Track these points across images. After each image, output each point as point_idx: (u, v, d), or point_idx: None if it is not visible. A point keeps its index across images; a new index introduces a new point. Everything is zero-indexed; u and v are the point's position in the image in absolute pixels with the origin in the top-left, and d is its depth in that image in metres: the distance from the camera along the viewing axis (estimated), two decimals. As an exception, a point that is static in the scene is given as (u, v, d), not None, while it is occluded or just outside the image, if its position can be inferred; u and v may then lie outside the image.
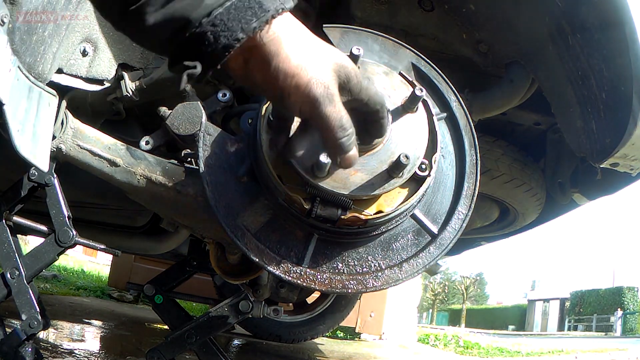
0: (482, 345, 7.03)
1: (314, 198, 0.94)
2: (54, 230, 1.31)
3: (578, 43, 1.24)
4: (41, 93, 1.02)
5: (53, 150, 1.12)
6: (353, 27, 1.13)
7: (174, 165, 1.16)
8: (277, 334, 3.85)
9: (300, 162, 0.84)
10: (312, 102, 0.64)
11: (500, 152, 1.90)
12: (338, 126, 0.67)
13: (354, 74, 0.69)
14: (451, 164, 1.08)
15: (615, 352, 7.94)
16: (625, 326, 26.71)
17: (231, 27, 0.57)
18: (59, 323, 3.17)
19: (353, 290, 0.99)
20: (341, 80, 0.68)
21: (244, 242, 0.98)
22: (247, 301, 1.58)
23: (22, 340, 1.25)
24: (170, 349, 1.53)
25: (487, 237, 2.71)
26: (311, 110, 0.65)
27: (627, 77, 1.15)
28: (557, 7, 1.24)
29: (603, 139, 1.25)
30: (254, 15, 0.58)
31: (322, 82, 0.64)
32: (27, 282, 1.30)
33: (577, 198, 1.85)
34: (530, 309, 39.54)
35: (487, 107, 1.57)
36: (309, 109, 0.65)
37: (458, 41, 1.53)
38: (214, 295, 2.53)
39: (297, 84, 0.63)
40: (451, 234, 1.03)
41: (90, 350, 2.52)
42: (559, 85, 1.35)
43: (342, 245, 1.01)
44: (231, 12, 0.57)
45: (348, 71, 0.68)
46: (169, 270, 1.79)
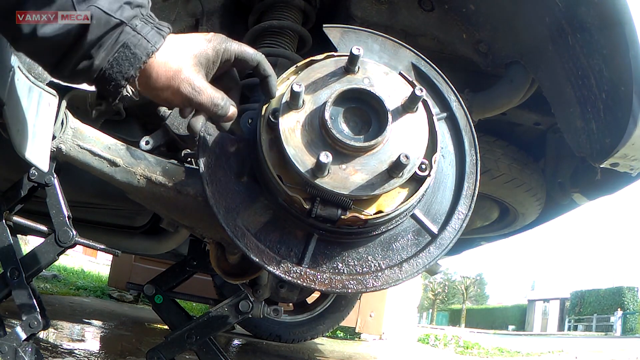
0: (482, 345, 7.03)
1: (314, 198, 0.94)
2: (54, 230, 1.31)
3: (578, 43, 1.24)
4: (41, 93, 1.02)
5: (53, 150, 1.12)
6: (353, 27, 1.13)
7: (174, 165, 1.16)
8: (277, 334, 3.85)
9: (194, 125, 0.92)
10: (187, 100, 0.85)
11: (500, 152, 1.89)
12: (211, 105, 0.87)
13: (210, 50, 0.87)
14: (451, 164, 1.08)
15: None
16: (625, 326, 26.69)
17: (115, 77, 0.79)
18: (59, 323, 3.17)
19: (353, 290, 0.99)
20: (205, 65, 0.87)
21: (244, 242, 0.99)
22: (247, 301, 1.58)
23: (22, 340, 1.25)
24: (170, 349, 1.54)
25: (487, 237, 2.71)
26: (190, 104, 0.86)
27: (627, 77, 1.15)
28: (557, 7, 1.24)
29: (603, 139, 1.25)
30: (131, 65, 0.79)
31: (187, 81, 0.83)
32: (27, 282, 1.30)
33: (577, 198, 1.85)
34: (530, 309, 39.53)
35: (487, 107, 1.57)
36: (187, 103, 0.86)
37: (458, 41, 1.52)
38: (214, 295, 2.53)
39: (171, 92, 0.83)
40: (451, 234, 1.03)
41: (90, 350, 2.52)
42: (559, 85, 1.35)
43: (342, 245, 1.01)
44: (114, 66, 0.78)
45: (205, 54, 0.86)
46: (169, 270, 1.79)
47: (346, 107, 0.97)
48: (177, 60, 0.83)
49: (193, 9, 1.53)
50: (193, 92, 0.84)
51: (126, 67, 0.78)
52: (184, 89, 0.84)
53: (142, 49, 0.79)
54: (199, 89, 0.85)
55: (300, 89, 0.94)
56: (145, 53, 0.79)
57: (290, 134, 0.94)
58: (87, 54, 0.76)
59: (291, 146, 0.93)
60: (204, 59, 0.87)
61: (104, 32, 0.76)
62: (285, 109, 0.96)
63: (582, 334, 23.66)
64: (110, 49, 0.77)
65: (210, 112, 0.88)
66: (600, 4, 1.17)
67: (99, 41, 0.76)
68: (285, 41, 1.46)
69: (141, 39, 0.79)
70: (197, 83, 0.85)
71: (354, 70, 0.99)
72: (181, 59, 0.84)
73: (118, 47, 0.77)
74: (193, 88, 0.84)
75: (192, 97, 0.84)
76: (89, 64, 0.77)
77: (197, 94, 0.85)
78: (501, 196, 2.06)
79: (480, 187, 1.07)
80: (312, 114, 0.96)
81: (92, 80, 0.80)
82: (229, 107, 0.90)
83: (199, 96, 0.85)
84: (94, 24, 0.75)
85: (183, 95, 0.84)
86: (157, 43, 0.80)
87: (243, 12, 1.59)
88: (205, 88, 0.86)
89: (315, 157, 0.91)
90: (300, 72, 1.01)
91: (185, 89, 0.84)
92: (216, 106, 0.88)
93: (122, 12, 0.77)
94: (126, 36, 0.78)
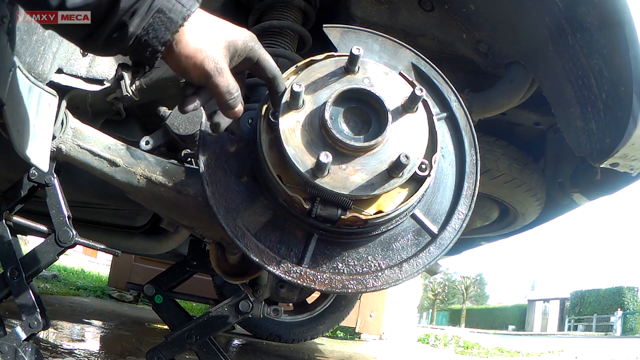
0: (482, 345, 7.03)
1: (314, 198, 0.94)
2: (54, 230, 1.31)
3: (578, 43, 1.24)
4: (41, 93, 1.02)
5: (53, 150, 1.12)
6: (353, 27, 1.13)
7: (174, 165, 1.16)
8: (277, 334, 3.85)
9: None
10: (206, 75, 0.84)
11: (500, 152, 1.89)
12: (226, 91, 0.86)
13: (241, 42, 0.88)
14: (451, 164, 1.08)
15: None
16: (625, 326, 26.69)
17: (152, 43, 0.78)
18: (59, 323, 3.17)
19: (353, 290, 0.99)
20: (231, 53, 0.87)
21: (244, 242, 0.99)
22: (247, 301, 1.58)
23: (22, 340, 1.25)
24: (170, 349, 1.53)
25: (487, 237, 2.71)
26: (206, 81, 0.85)
27: (627, 77, 1.15)
28: (557, 7, 1.24)
29: (603, 139, 1.25)
30: (167, 30, 0.78)
31: (213, 58, 0.83)
32: (27, 282, 1.30)
33: (577, 198, 1.85)
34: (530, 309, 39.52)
35: (487, 107, 1.57)
36: (204, 80, 0.85)
37: (458, 41, 1.52)
38: (214, 295, 2.53)
39: (194, 63, 0.82)
40: (451, 234, 1.03)
41: (90, 350, 2.52)
42: (559, 85, 1.35)
43: (342, 245, 1.01)
44: (149, 32, 0.78)
45: (235, 43, 0.87)
46: (169, 270, 1.79)
47: (346, 107, 0.97)
48: (210, 36, 0.83)
49: (193, 9, 1.53)
50: (215, 71, 0.83)
51: (162, 32, 0.78)
52: (207, 65, 0.83)
53: (177, 13, 0.78)
54: (221, 70, 0.84)
55: (300, 89, 0.94)
56: (181, 17, 0.79)
57: (290, 134, 0.94)
58: (120, 22, 0.75)
59: (291, 146, 0.93)
60: (233, 47, 0.86)
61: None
62: (285, 109, 0.96)
63: (582, 334, 23.65)
64: (145, 15, 0.76)
65: (222, 98, 0.87)
66: (600, 4, 1.17)
67: (132, 7, 0.75)
68: (285, 41, 1.46)
69: (175, 3, 0.78)
70: (221, 64, 0.84)
71: (354, 70, 0.99)
72: (214, 36, 0.84)
73: (153, 13, 0.77)
74: (216, 67, 0.83)
75: (213, 74, 0.83)
76: (124, 32, 0.76)
77: (217, 73, 0.84)
78: (501, 196, 2.06)
79: (480, 187, 1.07)
80: (312, 114, 0.96)
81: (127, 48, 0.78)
82: (239, 101, 0.89)
83: (219, 76, 0.84)
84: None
85: (204, 70, 0.83)
86: (192, 7, 0.80)
87: (243, 12, 1.59)
88: (227, 72, 0.86)
89: (315, 157, 0.91)
90: (300, 72, 1.01)
91: (209, 65, 0.83)
92: (230, 94, 0.86)
93: None
94: (160, 1, 0.77)
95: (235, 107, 0.89)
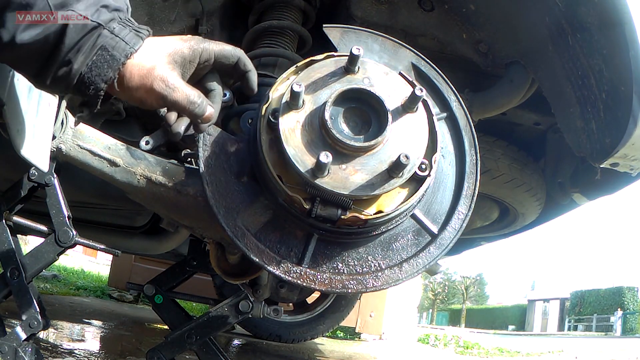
0: (482, 345, 7.03)
1: (314, 198, 0.94)
2: (54, 230, 1.31)
3: (578, 43, 1.24)
4: (41, 93, 1.02)
5: (53, 150, 1.12)
6: (353, 27, 1.13)
7: (174, 165, 1.16)
8: (277, 334, 3.85)
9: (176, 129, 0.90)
10: (161, 98, 0.83)
11: (500, 152, 1.89)
12: (187, 103, 0.85)
13: (186, 49, 0.86)
14: (451, 164, 1.08)
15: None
16: (625, 326, 26.68)
17: (94, 81, 0.78)
18: (59, 323, 3.17)
19: (353, 290, 0.99)
20: (179, 63, 0.85)
21: (244, 242, 0.98)
22: (247, 301, 1.58)
23: (22, 340, 1.25)
24: (170, 349, 1.53)
25: (487, 237, 2.71)
26: (164, 102, 0.83)
27: (627, 77, 1.15)
28: (557, 7, 1.24)
29: (603, 139, 1.25)
30: (109, 67, 0.78)
31: (161, 78, 0.82)
32: (27, 282, 1.30)
33: (577, 198, 1.85)
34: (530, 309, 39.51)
35: (487, 107, 1.57)
36: (162, 102, 0.83)
37: (458, 41, 1.52)
38: (214, 295, 2.53)
39: (144, 91, 0.82)
40: (451, 234, 1.03)
41: (90, 350, 2.52)
42: (559, 85, 1.35)
43: (342, 245, 1.01)
44: (92, 69, 0.77)
45: (179, 52, 0.85)
46: (169, 270, 1.79)
47: (346, 107, 0.97)
48: (151, 58, 0.82)
49: (193, 9, 1.53)
50: (167, 89, 0.82)
51: (105, 70, 0.78)
52: (157, 86, 0.81)
53: (120, 51, 0.78)
54: (173, 86, 0.83)
55: (300, 89, 0.94)
56: (123, 54, 0.79)
57: (290, 134, 0.94)
58: (65, 59, 0.76)
59: (291, 146, 0.93)
60: (179, 57, 0.85)
61: (82, 35, 0.76)
62: (285, 109, 0.96)
63: (582, 334, 23.65)
64: (89, 53, 0.77)
65: (186, 111, 0.86)
66: (600, 4, 1.17)
67: (77, 45, 0.76)
68: (285, 41, 1.46)
69: (119, 41, 0.78)
70: (171, 80, 0.83)
71: (354, 70, 0.99)
72: (155, 57, 0.83)
73: (96, 50, 0.77)
74: (167, 85, 0.82)
75: (166, 94, 0.82)
76: (68, 69, 0.77)
77: (171, 90, 0.83)
78: (501, 196, 2.06)
79: (480, 187, 1.07)
80: (312, 114, 0.96)
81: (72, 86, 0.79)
82: (205, 106, 0.88)
83: (173, 93, 0.83)
84: (71, 28, 0.75)
85: (156, 93, 0.82)
86: (136, 45, 0.80)
87: (243, 12, 1.59)
88: (180, 85, 0.84)
89: (315, 157, 0.91)
90: (300, 72, 1.01)
91: (159, 86, 0.82)
92: (192, 104, 0.85)
93: (99, 15, 0.77)
94: (104, 39, 0.77)
95: (205, 112, 0.88)
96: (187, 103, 0.84)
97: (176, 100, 0.83)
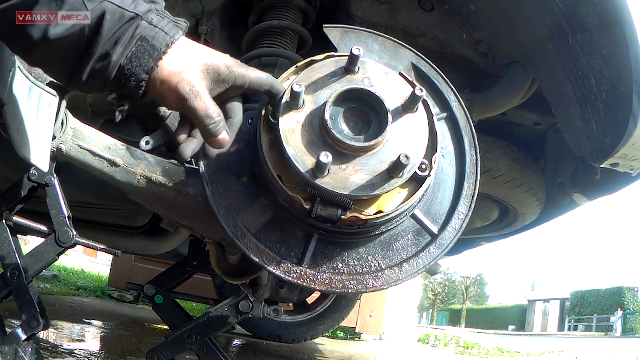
0: (482, 345, 7.03)
1: (314, 198, 0.94)
2: (54, 230, 1.31)
3: (578, 43, 1.24)
4: (41, 93, 1.02)
5: (53, 150, 1.12)
6: (353, 27, 1.13)
7: (174, 165, 1.16)
8: (277, 334, 3.85)
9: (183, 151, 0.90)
10: (181, 99, 0.81)
11: (500, 152, 1.89)
12: (204, 115, 0.82)
13: (223, 67, 0.84)
14: (451, 164, 1.08)
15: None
16: (625, 326, 26.68)
17: (135, 72, 0.77)
18: (59, 323, 3.17)
19: (353, 290, 0.99)
20: (211, 76, 0.83)
21: (244, 242, 0.99)
22: (247, 301, 1.58)
23: (22, 340, 1.25)
24: (170, 349, 1.53)
25: (487, 237, 2.71)
26: (182, 105, 0.82)
27: (627, 77, 1.15)
28: (557, 7, 1.24)
29: (603, 139, 1.25)
30: (150, 57, 0.77)
31: (188, 81, 0.80)
32: (27, 282, 1.30)
33: (577, 198, 1.85)
34: (530, 309, 39.51)
35: (487, 107, 1.57)
36: (180, 104, 0.82)
37: (458, 41, 1.53)
38: (214, 295, 2.53)
39: (168, 87, 0.80)
40: (451, 234, 1.03)
41: (90, 350, 2.52)
42: (559, 85, 1.35)
43: (342, 245, 1.01)
44: (133, 60, 0.76)
45: (216, 67, 0.84)
46: (169, 270, 1.79)
47: (346, 107, 0.97)
48: (186, 59, 0.81)
49: (193, 9, 1.53)
50: (190, 94, 0.80)
51: (145, 60, 0.76)
52: (182, 88, 0.80)
53: (160, 41, 0.77)
54: (197, 93, 0.81)
55: (300, 89, 0.94)
56: (164, 44, 0.77)
57: (290, 134, 0.94)
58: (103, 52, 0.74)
59: (291, 146, 0.93)
60: (213, 71, 0.83)
61: (119, 26, 0.74)
62: (285, 109, 0.96)
63: (582, 334, 23.65)
64: (128, 44, 0.75)
65: (201, 124, 0.83)
66: (600, 4, 1.17)
67: (114, 35, 0.74)
68: (285, 41, 1.46)
69: (158, 31, 0.77)
70: (198, 87, 0.81)
71: (354, 70, 0.99)
72: (190, 59, 0.81)
73: (135, 41, 0.76)
74: (191, 90, 0.80)
75: (188, 98, 0.80)
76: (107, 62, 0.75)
77: (193, 96, 0.80)
78: (501, 196, 2.06)
79: (480, 187, 1.07)
80: (312, 114, 0.96)
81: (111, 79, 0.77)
82: (222, 128, 0.84)
83: (195, 100, 0.81)
84: (107, 19, 0.73)
85: (179, 94, 0.80)
86: (175, 35, 0.79)
87: (243, 12, 1.59)
88: (205, 96, 0.82)
89: (315, 157, 0.91)
90: (300, 72, 1.01)
91: (183, 88, 0.80)
92: (209, 118, 0.82)
93: (137, 6, 0.76)
94: (142, 29, 0.76)
95: (218, 134, 0.84)
96: (204, 115, 0.82)
97: (195, 108, 0.81)
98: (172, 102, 0.82)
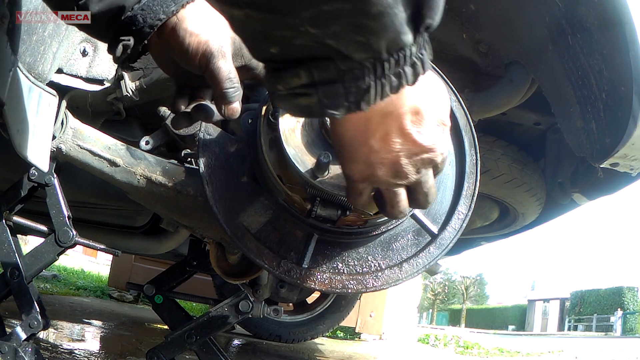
0: (482, 345, 7.03)
1: (314, 198, 0.94)
2: (54, 230, 1.31)
3: (578, 43, 1.25)
4: (41, 93, 1.02)
5: (53, 150, 1.12)
6: (353, 27, 1.13)
7: (174, 165, 1.16)
8: (277, 334, 3.85)
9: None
10: (208, 56, 0.78)
11: (500, 152, 1.89)
12: (226, 78, 0.80)
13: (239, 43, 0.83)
14: (451, 164, 1.08)
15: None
16: (625, 326, 26.70)
17: (155, 10, 0.74)
18: (59, 323, 3.17)
19: (353, 290, 0.99)
20: (235, 47, 0.83)
21: (244, 242, 0.98)
22: (247, 301, 1.57)
23: (22, 340, 1.25)
24: (170, 349, 1.53)
25: (487, 237, 2.71)
26: (207, 63, 0.79)
27: (627, 77, 1.15)
28: (557, 7, 1.24)
29: (603, 139, 1.25)
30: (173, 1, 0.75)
31: (218, 41, 0.79)
32: (27, 282, 1.30)
33: (577, 198, 1.85)
34: (530, 309, 39.53)
35: (487, 107, 1.57)
36: (205, 61, 0.79)
37: (458, 41, 1.52)
38: (214, 295, 2.53)
39: (198, 40, 0.78)
40: (451, 234, 1.03)
41: (90, 350, 2.52)
42: (559, 85, 1.35)
43: (342, 245, 1.01)
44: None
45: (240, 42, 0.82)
46: (169, 270, 1.79)
47: (346, 107, 0.97)
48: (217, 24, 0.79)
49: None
50: (219, 52, 0.78)
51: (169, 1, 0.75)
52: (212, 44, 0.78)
53: None
54: (224, 54, 0.79)
55: (300, 89, 0.94)
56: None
57: (290, 134, 0.94)
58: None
59: (291, 146, 0.93)
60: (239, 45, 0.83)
61: None
62: (285, 109, 0.96)
63: (582, 334, 23.66)
64: None
65: (220, 85, 0.80)
66: (600, 4, 1.17)
67: None
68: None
69: None
70: (225, 49, 0.80)
71: (354, 70, 0.99)
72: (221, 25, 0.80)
73: None
74: (220, 49, 0.78)
75: (216, 56, 0.78)
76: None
77: (221, 56, 0.78)
78: (501, 196, 2.06)
79: (480, 187, 1.06)
80: (312, 114, 0.96)
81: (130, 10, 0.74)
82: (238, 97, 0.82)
83: (222, 59, 0.79)
84: None
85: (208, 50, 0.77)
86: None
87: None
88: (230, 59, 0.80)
89: (315, 157, 0.91)
90: (301, 72, 1.01)
91: (214, 45, 0.78)
92: (230, 81, 0.80)
93: None
94: None
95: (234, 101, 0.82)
96: (226, 78, 0.80)
97: (220, 68, 0.79)
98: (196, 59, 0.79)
